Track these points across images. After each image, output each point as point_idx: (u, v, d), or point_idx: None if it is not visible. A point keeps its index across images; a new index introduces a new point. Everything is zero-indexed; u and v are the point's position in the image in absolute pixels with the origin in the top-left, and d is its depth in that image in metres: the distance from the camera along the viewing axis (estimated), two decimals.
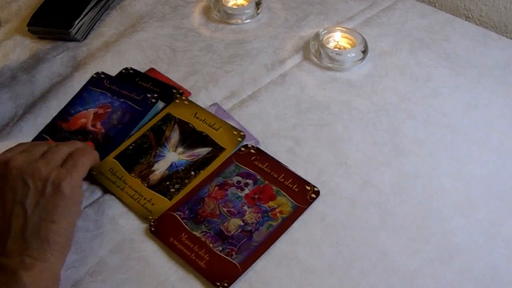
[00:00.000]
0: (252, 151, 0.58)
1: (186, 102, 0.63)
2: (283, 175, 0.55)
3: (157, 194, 0.54)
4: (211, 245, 0.50)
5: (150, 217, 0.52)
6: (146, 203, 0.53)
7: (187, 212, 0.53)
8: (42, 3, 0.78)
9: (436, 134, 0.59)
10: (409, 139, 0.59)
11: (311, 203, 0.53)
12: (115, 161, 0.57)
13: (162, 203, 0.53)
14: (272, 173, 0.56)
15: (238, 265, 0.48)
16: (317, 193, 0.54)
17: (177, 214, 0.52)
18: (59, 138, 0.61)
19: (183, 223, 0.52)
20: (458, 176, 0.55)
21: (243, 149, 0.58)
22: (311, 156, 0.58)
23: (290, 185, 0.54)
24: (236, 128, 0.60)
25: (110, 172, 0.56)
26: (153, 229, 0.51)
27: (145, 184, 0.55)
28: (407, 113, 0.62)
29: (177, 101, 0.64)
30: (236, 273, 0.48)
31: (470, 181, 0.54)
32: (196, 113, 0.62)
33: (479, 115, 0.61)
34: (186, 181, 0.55)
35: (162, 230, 0.51)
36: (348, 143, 0.59)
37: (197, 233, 0.51)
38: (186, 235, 0.51)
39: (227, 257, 0.49)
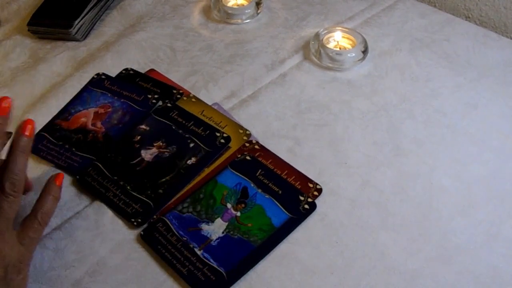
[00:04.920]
0: (257, 147, 0.58)
1: (193, 100, 0.63)
2: (286, 171, 0.55)
3: None
4: None
5: None
6: None
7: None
8: (42, 3, 0.78)
9: (436, 134, 0.59)
10: (409, 139, 0.59)
11: (314, 200, 0.53)
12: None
13: None
14: (275, 169, 0.56)
15: None
16: (320, 191, 0.54)
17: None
18: (59, 136, 0.61)
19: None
20: (458, 176, 0.55)
21: (247, 144, 0.58)
22: (311, 156, 0.58)
23: (293, 182, 0.54)
24: (242, 127, 0.60)
25: None
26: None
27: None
28: (407, 113, 0.62)
29: (185, 98, 0.64)
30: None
31: (470, 181, 0.54)
32: (203, 111, 0.62)
33: (479, 115, 0.61)
34: None
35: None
36: (348, 143, 0.59)
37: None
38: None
39: None
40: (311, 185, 0.54)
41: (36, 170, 0.58)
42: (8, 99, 0.46)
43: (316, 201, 0.53)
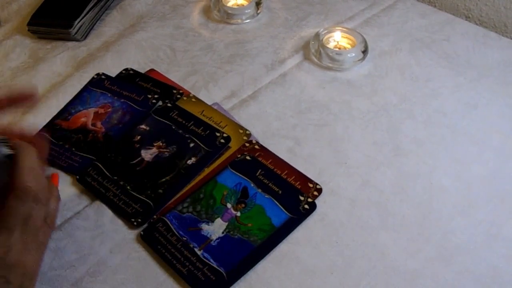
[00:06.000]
0: (257, 147, 0.58)
1: (193, 100, 0.63)
2: (286, 171, 0.55)
3: None
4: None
5: None
6: None
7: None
8: (42, 3, 0.78)
9: (436, 134, 0.59)
10: (409, 139, 0.59)
11: (314, 200, 0.53)
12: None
13: None
14: (275, 169, 0.56)
15: None
16: (320, 191, 0.54)
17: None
18: (59, 136, 0.61)
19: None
20: (458, 176, 0.55)
21: (247, 144, 0.58)
22: (311, 156, 0.58)
23: (293, 182, 0.54)
24: (242, 127, 0.60)
25: None
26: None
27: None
28: (407, 113, 0.62)
29: (185, 98, 0.64)
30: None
31: (470, 181, 0.54)
32: (203, 111, 0.62)
33: (479, 115, 0.61)
34: None
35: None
36: (348, 143, 0.59)
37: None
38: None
39: None
40: (311, 185, 0.54)
41: None
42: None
43: (316, 201, 0.53)
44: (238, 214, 0.52)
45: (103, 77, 0.68)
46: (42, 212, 0.45)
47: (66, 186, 0.56)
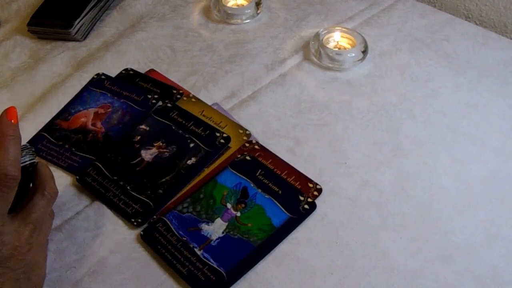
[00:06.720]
0: (257, 147, 0.58)
1: (193, 100, 0.63)
2: (286, 171, 0.55)
3: None
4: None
5: None
6: None
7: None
8: (42, 3, 0.78)
9: (436, 134, 0.59)
10: (409, 139, 0.59)
11: (314, 200, 0.53)
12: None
13: None
14: (275, 169, 0.56)
15: None
16: (320, 191, 0.54)
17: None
18: (59, 136, 0.61)
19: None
20: (458, 176, 0.55)
21: (247, 145, 0.58)
22: (311, 156, 0.58)
23: (293, 182, 0.54)
24: (242, 127, 0.60)
25: None
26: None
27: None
28: (407, 113, 0.62)
29: (185, 98, 0.64)
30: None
31: (470, 181, 0.54)
32: (203, 111, 0.62)
33: (479, 115, 0.61)
34: None
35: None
36: (348, 143, 0.59)
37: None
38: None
39: None
40: (311, 185, 0.54)
41: None
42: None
43: (316, 201, 0.53)
44: (238, 214, 0.52)
45: (103, 77, 0.68)
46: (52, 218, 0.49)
47: (66, 186, 0.56)
